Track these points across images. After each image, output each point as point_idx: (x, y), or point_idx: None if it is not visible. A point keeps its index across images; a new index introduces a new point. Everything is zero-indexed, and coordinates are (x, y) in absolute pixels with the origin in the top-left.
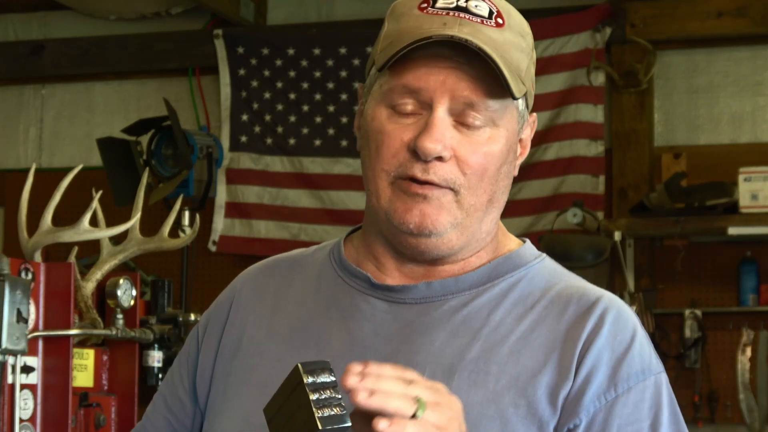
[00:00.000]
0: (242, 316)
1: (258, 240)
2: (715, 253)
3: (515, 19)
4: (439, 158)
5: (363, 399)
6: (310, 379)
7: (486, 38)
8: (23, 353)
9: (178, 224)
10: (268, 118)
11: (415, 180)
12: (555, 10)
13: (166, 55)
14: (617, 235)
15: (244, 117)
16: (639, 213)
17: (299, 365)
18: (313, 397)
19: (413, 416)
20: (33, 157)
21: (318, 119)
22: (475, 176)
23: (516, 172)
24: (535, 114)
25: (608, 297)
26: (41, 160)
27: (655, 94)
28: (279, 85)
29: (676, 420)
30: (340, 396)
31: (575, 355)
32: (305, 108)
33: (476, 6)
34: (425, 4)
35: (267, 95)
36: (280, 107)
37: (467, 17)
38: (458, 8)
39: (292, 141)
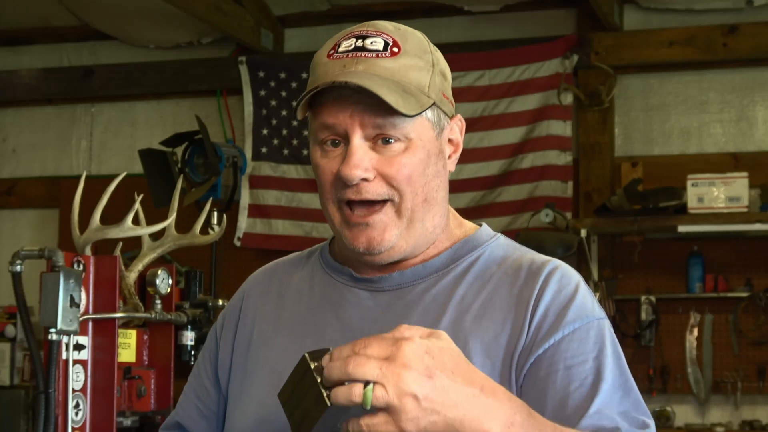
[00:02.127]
0: (252, 313)
1: (276, 236)
2: (667, 248)
3: (411, 42)
4: (365, 180)
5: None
6: (316, 364)
7: (381, 69)
8: (75, 333)
9: (207, 223)
10: (285, 132)
11: (352, 202)
12: (530, 40)
13: (198, 78)
14: (583, 232)
15: (265, 131)
16: (602, 213)
17: (306, 354)
18: (320, 379)
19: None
20: (84, 165)
21: None
22: (403, 184)
23: (452, 168)
24: (459, 115)
25: (554, 261)
26: (91, 168)
27: (615, 112)
28: (294, 104)
29: (617, 357)
30: None
31: (527, 314)
32: None
33: (372, 42)
34: (332, 51)
35: (284, 113)
36: (295, 123)
37: (363, 55)
38: (356, 48)
39: (305, 152)
